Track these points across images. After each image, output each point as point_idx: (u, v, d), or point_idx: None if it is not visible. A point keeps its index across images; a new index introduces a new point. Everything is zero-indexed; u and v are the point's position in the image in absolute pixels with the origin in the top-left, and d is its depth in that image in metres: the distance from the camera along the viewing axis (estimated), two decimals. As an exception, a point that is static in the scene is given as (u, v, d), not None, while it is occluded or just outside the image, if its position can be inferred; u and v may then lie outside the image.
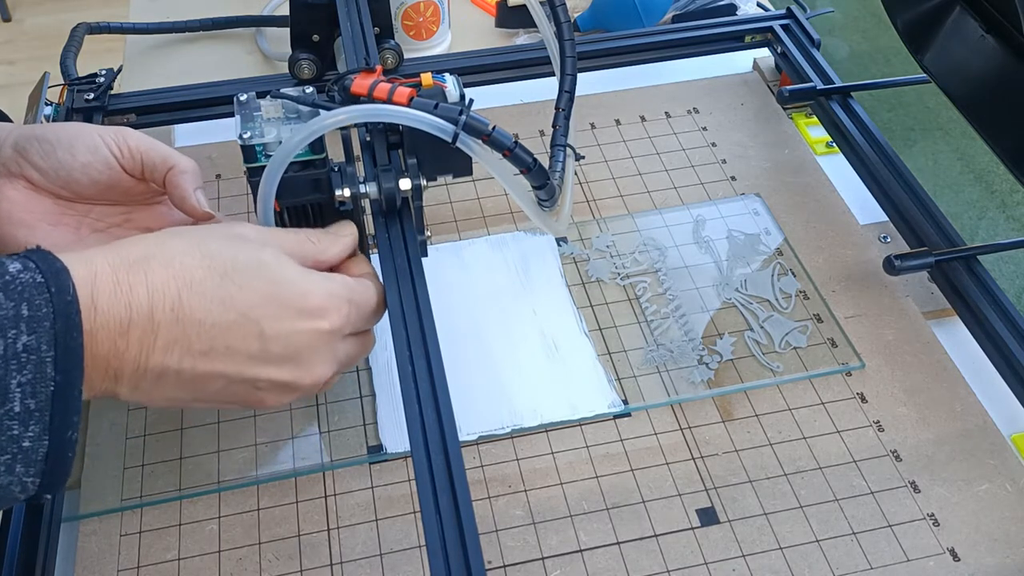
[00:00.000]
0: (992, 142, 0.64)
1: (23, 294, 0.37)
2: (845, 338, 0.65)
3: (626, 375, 0.63)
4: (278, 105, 0.52)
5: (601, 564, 0.54)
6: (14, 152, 0.53)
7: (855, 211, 0.74)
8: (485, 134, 0.49)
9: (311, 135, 0.48)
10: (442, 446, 0.46)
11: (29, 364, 0.37)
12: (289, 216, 0.54)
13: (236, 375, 0.45)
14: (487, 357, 0.64)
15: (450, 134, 0.49)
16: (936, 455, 0.59)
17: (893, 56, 1.70)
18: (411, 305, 0.51)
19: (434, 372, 0.48)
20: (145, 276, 0.42)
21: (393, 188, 0.52)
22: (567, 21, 0.56)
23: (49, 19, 2.48)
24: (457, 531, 0.43)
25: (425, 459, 0.45)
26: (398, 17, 0.87)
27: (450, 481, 0.44)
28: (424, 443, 0.46)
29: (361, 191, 0.53)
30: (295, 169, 0.51)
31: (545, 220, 0.54)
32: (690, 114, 0.83)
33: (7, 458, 0.37)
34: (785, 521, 0.56)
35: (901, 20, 0.72)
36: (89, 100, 0.75)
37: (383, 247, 0.53)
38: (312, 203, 0.54)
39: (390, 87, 0.50)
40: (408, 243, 0.53)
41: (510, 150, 0.49)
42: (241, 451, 0.60)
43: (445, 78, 0.53)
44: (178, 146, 0.81)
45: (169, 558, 0.55)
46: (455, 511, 0.43)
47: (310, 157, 0.51)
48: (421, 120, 0.49)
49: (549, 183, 0.52)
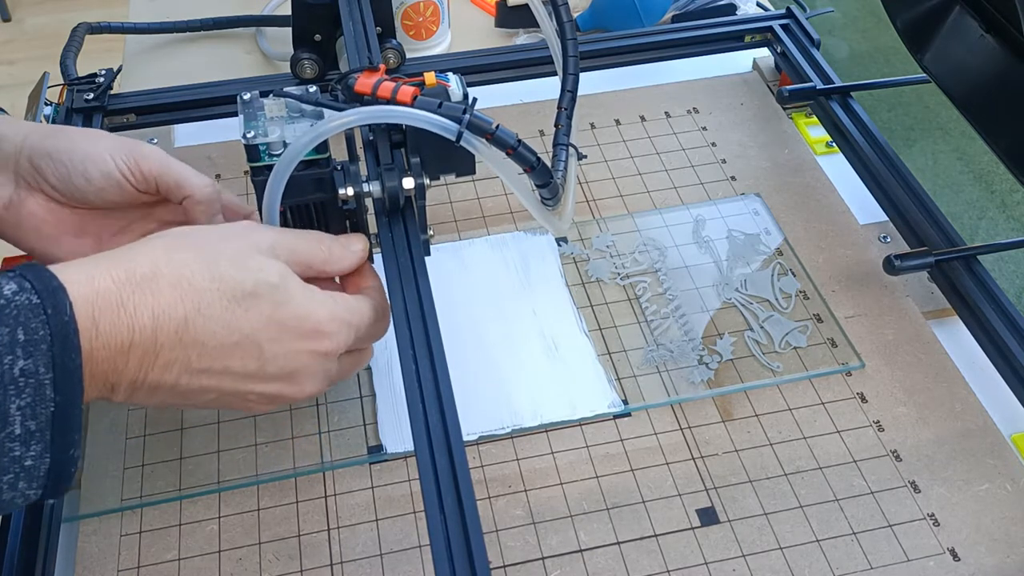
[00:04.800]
0: (991, 142, 0.64)
1: (18, 318, 0.37)
2: (845, 338, 0.65)
3: (626, 375, 0.63)
4: (281, 104, 0.52)
5: (601, 564, 0.54)
6: (31, 166, 0.53)
7: (855, 211, 0.74)
8: (489, 133, 0.49)
9: (319, 136, 0.48)
10: (446, 446, 0.45)
11: (28, 387, 0.37)
12: (292, 216, 0.54)
13: (230, 389, 0.46)
14: (487, 357, 0.64)
15: (454, 133, 0.49)
16: (936, 455, 0.59)
17: (893, 56, 1.70)
18: (415, 304, 0.51)
19: (438, 371, 0.48)
20: (152, 297, 0.41)
21: (396, 187, 0.52)
22: (569, 20, 0.56)
23: (49, 19, 2.48)
24: (462, 531, 0.43)
25: (429, 459, 0.45)
26: (398, 17, 0.87)
27: (454, 481, 0.44)
28: (428, 443, 0.46)
29: (364, 190, 0.53)
30: (299, 168, 0.51)
31: (548, 219, 0.54)
32: (690, 114, 0.83)
33: (10, 477, 0.37)
34: (785, 521, 0.56)
35: (901, 20, 0.72)
36: (89, 100, 0.75)
37: (386, 246, 0.53)
38: (315, 202, 0.54)
39: (394, 86, 0.50)
40: (411, 242, 0.53)
41: (513, 148, 0.50)
42: (241, 451, 0.60)
43: (448, 77, 0.53)
44: (178, 146, 0.81)
45: (169, 558, 0.55)
46: (459, 511, 0.43)
47: (314, 156, 0.51)
48: (425, 120, 0.49)
49: (552, 182, 0.52)
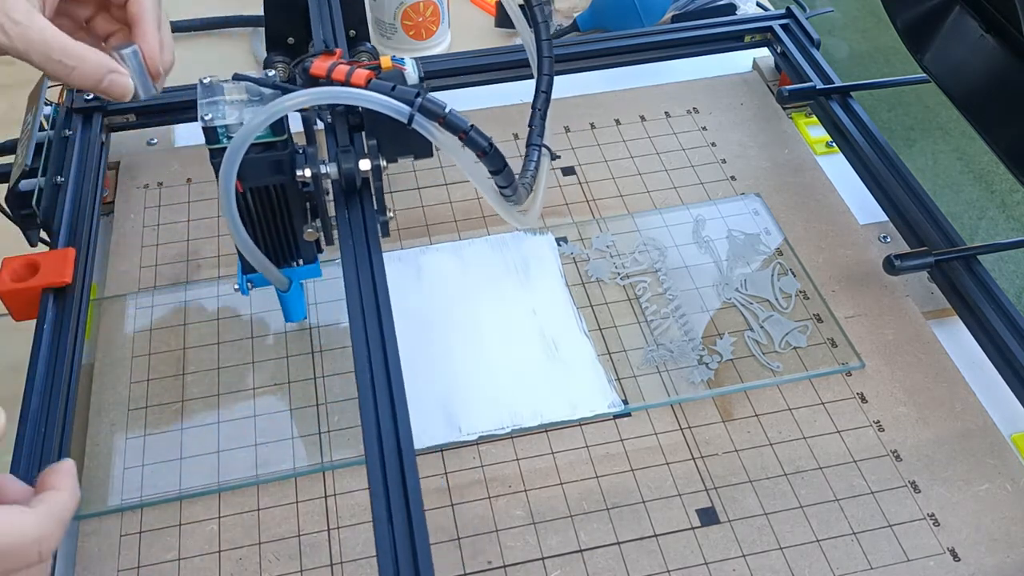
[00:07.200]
0: (992, 142, 0.64)
1: None
2: (845, 338, 0.65)
3: (626, 375, 0.63)
4: (242, 88, 0.52)
5: (601, 564, 0.54)
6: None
7: (855, 211, 0.74)
8: (440, 116, 0.49)
9: (271, 116, 0.49)
10: (397, 455, 0.45)
11: None
12: (253, 199, 0.54)
13: None
14: (487, 357, 0.64)
15: (406, 115, 0.49)
16: (936, 455, 0.59)
17: (893, 56, 1.70)
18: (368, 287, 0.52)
19: (390, 366, 0.48)
20: None
21: (352, 168, 0.53)
22: (544, 21, 0.57)
23: (49, 19, 2.47)
24: (409, 543, 0.42)
25: (380, 468, 0.45)
26: (397, 17, 0.87)
27: (404, 490, 0.44)
28: (380, 451, 0.45)
29: (322, 171, 0.53)
30: (257, 151, 0.51)
31: (507, 209, 0.54)
32: (690, 114, 0.83)
33: None
34: (785, 521, 0.56)
35: (901, 20, 0.72)
36: (88, 100, 0.75)
37: (343, 227, 0.54)
38: (276, 185, 0.54)
39: (348, 69, 0.51)
40: (367, 223, 0.54)
41: (465, 133, 0.50)
42: (241, 451, 0.59)
43: (405, 61, 0.54)
44: (178, 146, 0.81)
45: (169, 558, 0.55)
46: (408, 522, 0.43)
47: (271, 139, 0.52)
48: (378, 102, 0.49)
49: (506, 169, 0.52)
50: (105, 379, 0.63)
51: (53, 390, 0.57)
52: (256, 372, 0.64)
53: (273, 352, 0.65)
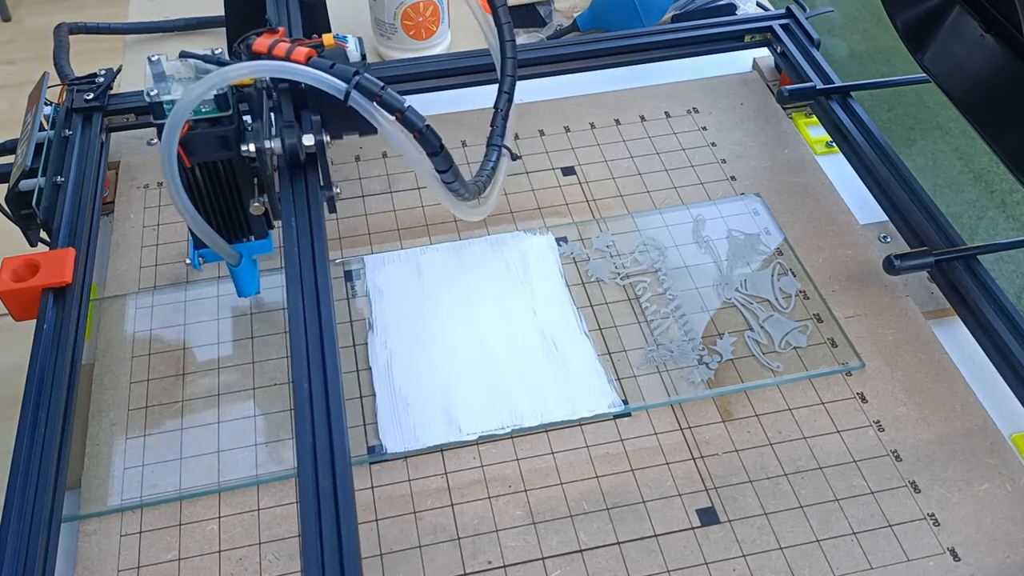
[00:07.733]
0: (992, 142, 0.64)
1: None
2: (845, 338, 0.65)
3: (626, 375, 0.63)
4: (190, 66, 0.53)
5: (601, 564, 0.54)
6: None
7: (855, 211, 0.74)
8: (377, 95, 0.50)
9: (210, 88, 0.49)
10: (330, 466, 0.45)
11: None
12: (202, 174, 0.55)
13: None
14: (487, 357, 0.64)
15: (342, 92, 0.49)
16: (936, 455, 0.59)
17: (893, 56, 1.70)
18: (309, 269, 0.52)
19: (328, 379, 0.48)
20: None
21: (296, 144, 0.54)
22: (508, 22, 0.57)
23: (49, 19, 2.47)
24: (338, 557, 0.42)
25: (312, 479, 0.45)
26: (398, 17, 0.87)
27: (335, 503, 0.44)
28: (313, 462, 0.45)
29: (266, 146, 0.54)
30: (204, 127, 0.52)
31: (450, 199, 0.55)
32: (690, 114, 0.83)
33: None
34: (785, 521, 0.56)
35: (901, 20, 0.72)
36: (88, 100, 0.75)
37: (286, 201, 0.55)
38: (223, 161, 0.55)
39: (288, 46, 0.51)
40: (310, 196, 0.54)
41: (402, 112, 0.50)
42: (241, 451, 0.60)
43: (348, 39, 0.54)
44: (178, 146, 0.81)
45: (169, 558, 0.55)
46: (337, 536, 0.43)
47: (217, 115, 0.53)
48: (314, 77, 0.49)
49: (442, 152, 0.52)
50: (105, 379, 0.63)
51: (53, 390, 0.57)
52: (256, 372, 0.64)
53: (273, 352, 0.65)
